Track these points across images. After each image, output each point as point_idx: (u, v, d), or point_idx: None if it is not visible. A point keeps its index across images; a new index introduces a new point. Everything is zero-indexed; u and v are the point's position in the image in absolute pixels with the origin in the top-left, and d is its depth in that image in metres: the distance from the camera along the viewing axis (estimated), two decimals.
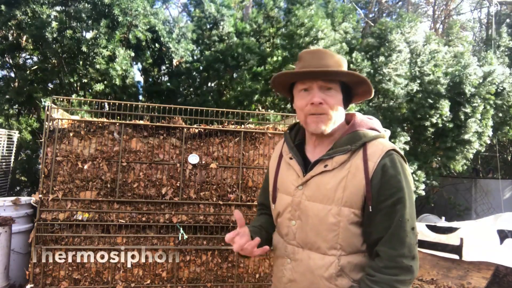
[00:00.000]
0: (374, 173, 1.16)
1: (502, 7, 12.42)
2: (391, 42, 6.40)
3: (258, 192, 3.24)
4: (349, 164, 1.20)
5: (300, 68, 1.24)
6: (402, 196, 1.14)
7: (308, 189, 1.25)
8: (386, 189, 1.15)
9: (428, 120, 6.47)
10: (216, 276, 3.15)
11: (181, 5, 13.45)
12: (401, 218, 1.13)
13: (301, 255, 1.26)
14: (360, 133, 1.23)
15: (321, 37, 5.82)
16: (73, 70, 5.68)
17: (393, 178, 1.15)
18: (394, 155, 1.18)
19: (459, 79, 6.64)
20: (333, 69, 1.21)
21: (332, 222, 1.19)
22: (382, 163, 1.16)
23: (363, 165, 1.17)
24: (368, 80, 1.26)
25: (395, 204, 1.14)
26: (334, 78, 1.23)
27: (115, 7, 5.33)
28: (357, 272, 1.19)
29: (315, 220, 1.22)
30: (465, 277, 3.92)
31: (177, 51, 6.63)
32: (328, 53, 1.25)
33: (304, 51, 1.29)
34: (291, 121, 3.57)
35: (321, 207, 1.21)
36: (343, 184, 1.18)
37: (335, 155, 1.22)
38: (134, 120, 3.21)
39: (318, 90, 1.22)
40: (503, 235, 4.27)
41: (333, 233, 1.19)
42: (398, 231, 1.13)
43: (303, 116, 1.26)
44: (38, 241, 2.84)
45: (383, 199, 1.15)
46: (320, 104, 1.21)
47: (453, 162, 7.07)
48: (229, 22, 7.25)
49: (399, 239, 1.13)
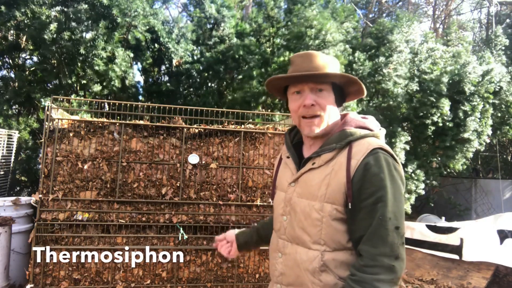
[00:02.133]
0: (356, 171, 1.17)
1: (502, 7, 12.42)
2: (392, 42, 6.40)
3: (258, 192, 3.24)
4: (334, 161, 1.23)
5: (292, 72, 1.28)
6: (383, 195, 1.13)
7: (299, 186, 1.30)
8: (367, 187, 1.15)
9: (429, 119, 6.47)
10: (216, 276, 3.14)
11: (181, 5, 13.45)
12: (381, 216, 1.12)
13: (290, 249, 1.30)
14: (347, 131, 1.24)
15: (329, 39, 5.82)
16: (72, 71, 5.68)
17: (375, 177, 1.15)
18: (379, 153, 1.18)
19: (459, 78, 6.64)
20: (321, 72, 1.24)
21: (315, 217, 1.22)
22: (365, 161, 1.17)
23: (346, 163, 1.19)
24: (358, 80, 1.28)
25: (376, 203, 1.14)
26: (325, 80, 1.26)
27: (114, 8, 5.33)
28: (344, 269, 1.19)
29: (301, 216, 1.26)
30: (465, 277, 3.92)
31: (176, 52, 6.63)
32: (318, 55, 1.28)
33: (294, 55, 1.33)
34: (290, 121, 3.57)
35: (306, 203, 1.25)
36: (326, 181, 1.21)
37: (322, 153, 1.25)
38: (134, 120, 3.21)
39: (310, 92, 1.25)
40: (503, 235, 4.26)
41: (317, 228, 1.21)
42: (379, 229, 1.12)
43: (297, 118, 1.31)
44: (38, 241, 2.84)
45: (364, 197, 1.15)
46: (312, 105, 1.24)
47: (453, 161, 7.07)
48: (230, 23, 7.25)
49: (380, 237, 1.12)
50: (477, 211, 8.49)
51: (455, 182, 9.09)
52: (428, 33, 7.44)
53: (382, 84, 6.27)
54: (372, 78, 6.29)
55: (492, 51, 8.79)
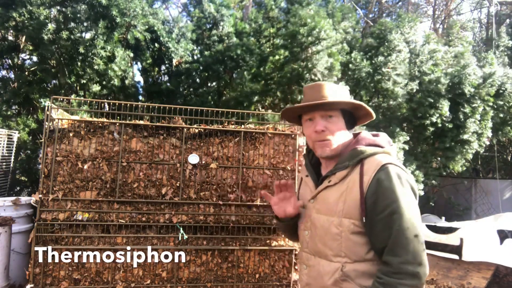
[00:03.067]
0: (369, 186, 1.26)
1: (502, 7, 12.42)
2: (391, 42, 6.40)
3: (258, 192, 3.24)
4: (348, 179, 1.33)
5: (303, 102, 1.42)
6: (397, 206, 1.21)
7: (317, 202, 1.41)
8: (381, 201, 1.23)
9: (428, 119, 6.47)
10: (216, 276, 3.14)
11: (181, 5, 13.45)
12: (399, 227, 1.20)
13: (313, 261, 1.41)
14: (358, 150, 1.34)
15: (323, 37, 5.82)
16: (71, 71, 5.67)
17: (388, 190, 1.23)
18: (389, 168, 1.27)
19: (459, 79, 6.64)
20: (326, 100, 1.35)
21: (335, 232, 1.31)
22: (377, 177, 1.26)
23: (359, 180, 1.29)
24: (363, 104, 1.39)
25: (391, 215, 1.21)
26: (333, 107, 1.38)
27: (113, 8, 5.32)
28: (365, 279, 1.27)
29: (321, 231, 1.36)
30: (465, 277, 3.92)
31: (176, 51, 6.63)
32: (326, 85, 1.39)
33: (305, 87, 1.46)
34: None
35: (325, 218, 1.35)
36: (343, 197, 1.31)
37: (337, 171, 1.36)
38: (134, 120, 3.20)
39: (320, 119, 1.38)
40: (503, 235, 4.27)
41: (337, 242, 1.31)
42: (399, 239, 1.19)
43: (311, 143, 1.43)
44: (38, 241, 2.84)
45: (380, 211, 1.23)
46: (322, 131, 1.37)
47: (452, 162, 7.07)
48: (229, 23, 7.24)
49: (402, 247, 1.19)
50: (477, 211, 8.50)
51: (455, 182, 9.10)
52: (429, 34, 7.44)
53: (381, 83, 6.26)
54: (372, 77, 6.29)
55: (495, 51, 8.78)
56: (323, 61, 5.77)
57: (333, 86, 1.41)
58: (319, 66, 5.76)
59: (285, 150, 3.32)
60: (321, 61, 5.76)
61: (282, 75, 6.25)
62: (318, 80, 5.86)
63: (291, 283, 3.23)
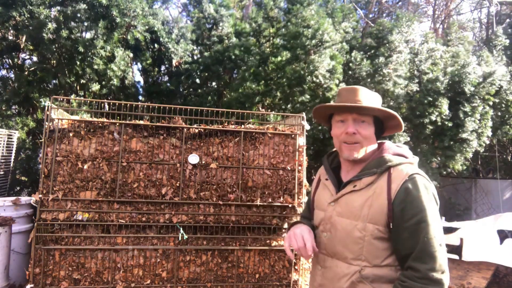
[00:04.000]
0: (396, 194, 1.29)
1: (502, 7, 12.42)
2: (391, 42, 6.40)
3: (258, 192, 3.24)
4: (375, 185, 1.35)
5: (338, 102, 1.45)
6: (425, 216, 1.25)
7: (339, 205, 1.42)
8: (409, 209, 1.27)
9: (427, 118, 6.47)
10: (216, 276, 3.14)
11: (181, 5, 13.45)
12: (426, 236, 1.24)
13: (330, 263, 1.43)
14: (386, 158, 1.38)
15: (326, 39, 5.83)
16: (71, 71, 5.67)
17: (416, 199, 1.27)
18: (416, 178, 1.31)
19: (459, 78, 6.64)
20: (365, 105, 1.38)
21: (358, 236, 1.33)
22: (405, 185, 1.29)
23: (387, 187, 1.32)
24: (397, 115, 1.42)
25: (418, 223, 1.25)
26: (367, 112, 1.40)
27: (113, 8, 5.32)
28: (381, 283, 1.30)
29: (343, 234, 1.38)
30: (465, 277, 3.92)
31: (176, 52, 6.63)
32: (363, 90, 1.43)
33: (342, 88, 1.49)
34: (291, 121, 3.57)
35: (348, 222, 1.37)
36: (369, 202, 1.34)
37: (363, 177, 1.38)
38: (134, 120, 3.20)
39: (353, 122, 1.40)
40: (503, 235, 4.26)
41: (358, 245, 1.33)
42: (426, 247, 1.23)
43: (338, 143, 1.45)
44: (38, 241, 2.84)
45: (407, 219, 1.26)
46: (353, 134, 1.39)
47: (452, 161, 7.07)
48: (228, 23, 7.24)
49: (429, 254, 1.23)
50: (477, 211, 8.49)
51: (455, 182, 9.09)
52: (428, 33, 7.44)
53: (382, 84, 6.26)
54: (372, 78, 6.29)
55: (492, 50, 8.78)
56: (325, 63, 5.77)
57: (369, 92, 1.44)
58: (321, 69, 5.76)
59: (285, 150, 3.32)
60: (323, 64, 5.76)
61: (282, 76, 6.24)
62: (319, 82, 5.86)
63: (291, 283, 3.23)
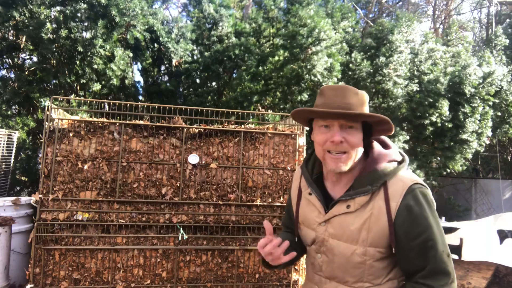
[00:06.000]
0: (397, 213, 1.18)
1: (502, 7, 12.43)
2: (392, 43, 6.40)
3: (258, 192, 3.24)
4: (371, 205, 1.22)
5: (322, 104, 1.25)
6: (431, 233, 1.17)
7: (332, 227, 1.28)
8: (413, 228, 1.17)
9: (427, 119, 6.47)
10: (216, 276, 3.14)
11: (181, 5, 13.45)
12: (435, 253, 1.17)
13: (329, 285, 1.31)
14: (379, 171, 1.23)
15: (323, 37, 5.82)
16: (71, 71, 5.68)
17: (419, 217, 1.17)
18: (416, 190, 1.19)
19: (459, 79, 6.64)
20: (355, 112, 1.20)
21: (358, 261, 1.22)
22: (405, 203, 1.18)
23: (385, 207, 1.19)
24: (389, 120, 1.25)
25: (426, 241, 1.17)
26: (355, 118, 1.23)
27: (112, 7, 5.32)
28: None
29: (341, 259, 1.26)
30: (465, 277, 3.92)
31: (176, 51, 6.63)
32: (351, 91, 1.25)
33: (326, 87, 1.29)
34: (291, 121, 3.57)
35: (345, 246, 1.24)
36: (366, 226, 1.21)
37: (356, 196, 1.23)
38: (134, 120, 3.20)
39: (339, 129, 1.22)
40: (503, 235, 4.26)
41: (359, 269, 1.23)
42: (437, 265, 1.17)
43: (321, 151, 1.27)
44: (38, 241, 2.84)
45: (412, 238, 1.17)
46: (340, 142, 1.21)
47: (452, 162, 7.07)
48: (228, 23, 7.24)
49: (441, 271, 1.17)
50: (477, 211, 8.49)
51: (455, 182, 9.09)
52: (428, 33, 7.44)
53: (382, 84, 6.26)
54: (372, 78, 6.29)
55: (492, 51, 8.78)
56: (322, 61, 5.77)
57: (358, 93, 1.27)
58: (318, 67, 5.76)
59: (285, 150, 3.32)
60: (320, 62, 5.76)
61: (281, 75, 6.25)
62: (317, 80, 5.86)
63: (291, 283, 3.24)
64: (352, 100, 1.22)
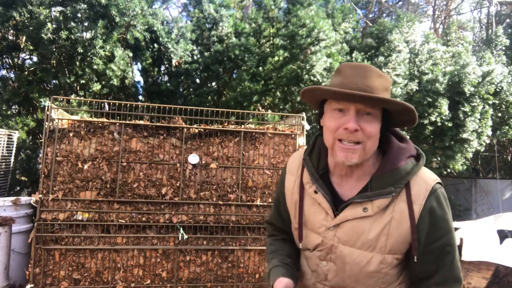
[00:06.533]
0: (420, 217, 1.07)
1: (502, 7, 12.43)
2: (391, 42, 6.41)
3: (258, 192, 3.24)
4: (391, 208, 1.08)
5: (340, 83, 1.07)
6: (451, 238, 1.09)
7: (342, 232, 1.13)
8: (434, 231, 1.08)
9: (427, 119, 6.48)
10: (216, 276, 3.14)
11: (181, 5, 13.45)
12: (452, 259, 1.09)
13: None
14: (402, 170, 1.09)
15: (322, 38, 5.83)
16: (70, 71, 5.68)
17: (441, 220, 1.08)
18: (438, 191, 1.09)
19: (459, 79, 6.64)
20: (378, 96, 1.02)
21: (373, 270, 1.11)
22: (429, 205, 1.07)
23: (408, 210, 1.07)
24: (414, 110, 1.09)
25: (444, 246, 1.08)
26: (375, 103, 1.06)
27: (112, 7, 5.33)
28: None
29: (354, 268, 1.12)
30: (465, 277, 3.92)
31: (176, 51, 6.63)
32: (374, 71, 1.07)
33: (345, 64, 1.12)
34: (290, 121, 3.57)
35: (359, 253, 1.11)
36: (386, 231, 1.08)
37: (376, 199, 1.08)
38: (134, 120, 3.21)
39: (355, 114, 1.05)
40: (503, 235, 4.26)
41: (374, 279, 1.12)
42: (452, 271, 1.10)
43: (331, 139, 1.09)
44: (38, 241, 2.84)
45: (431, 241, 1.08)
46: (355, 131, 1.04)
47: (452, 161, 7.07)
48: (228, 23, 7.24)
49: (455, 278, 1.11)
50: (477, 211, 8.50)
51: (455, 182, 9.09)
52: (429, 33, 7.45)
53: None
54: None
55: (492, 51, 8.79)
56: (321, 61, 5.78)
57: (382, 75, 1.08)
58: (317, 67, 5.76)
59: (285, 150, 3.32)
60: (319, 62, 5.76)
61: (281, 75, 6.25)
62: (317, 81, 5.86)
63: None
64: (375, 83, 1.05)
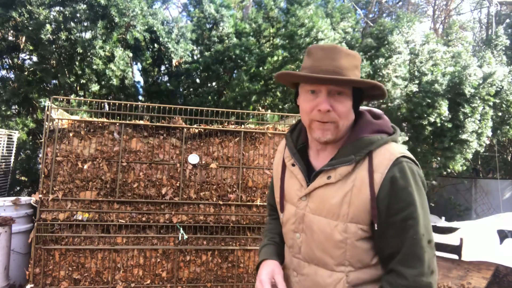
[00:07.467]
0: (381, 186, 1.07)
1: (502, 7, 12.44)
2: (391, 43, 6.41)
3: (258, 192, 3.24)
4: (353, 176, 1.10)
5: (310, 65, 1.13)
6: (413, 211, 1.05)
7: (312, 201, 1.17)
8: (395, 203, 1.06)
9: (426, 119, 6.48)
10: (216, 276, 3.14)
11: (181, 5, 13.46)
12: (415, 235, 1.05)
13: (308, 269, 1.20)
14: (366, 140, 1.12)
15: (321, 37, 5.83)
16: (70, 71, 5.68)
17: (403, 191, 1.05)
18: (403, 163, 1.08)
19: (459, 80, 6.64)
20: (346, 78, 1.08)
21: (338, 239, 1.12)
22: (390, 174, 1.06)
23: (369, 178, 1.08)
24: (382, 86, 1.14)
25: (406, 219, 1.05)
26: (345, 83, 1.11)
27: (112, 8, 5.33)
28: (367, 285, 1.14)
29: (321, 236, 1.15)
30: (465, 277, 3.92)
31: (176, 51, 6.63)
32: (342, 51, 1.11)
33: (314, 46, 1.16)
34: (290, 121, 3.57)
35: (326, 222, 1.13)
36: (347, 199, 1.10)
37: (338, 166, 1.12)
38: (134, 120, 3.21)
39: (327, 95, 1.10)
40: (503, 235, 4.27)
41: (341, 250, 1.12)
42: (414, 249, 1.05)
43: (308, 120, 1.15)
44: (38, 241, 2.84)
45: (392, 213, 1.06)
46: (327, 111, 1.10)
47: (452, 162, 7.07)
48: (229, 23, 7.24)
49: (417, 257, 1.05)
50: (477, 211, 8.50)
51: (455, 182, 9.10)
52: (429, 34, 7.44)
53: None
54: (371, 79, 6.29)
55: (492, 51, 8.79)
56: None
57: (350, 54, 1.13)
58: None
59: None
60: None
61: None
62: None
63: None
64: (344, 63, 1.10)
